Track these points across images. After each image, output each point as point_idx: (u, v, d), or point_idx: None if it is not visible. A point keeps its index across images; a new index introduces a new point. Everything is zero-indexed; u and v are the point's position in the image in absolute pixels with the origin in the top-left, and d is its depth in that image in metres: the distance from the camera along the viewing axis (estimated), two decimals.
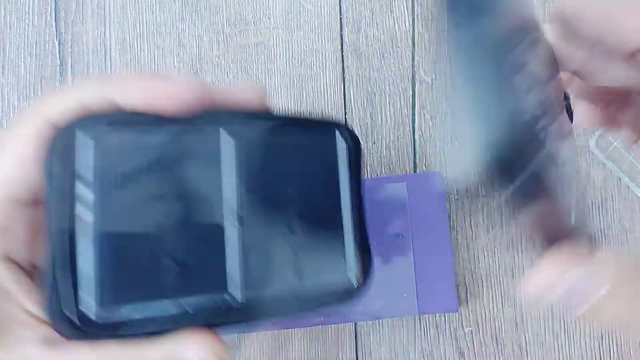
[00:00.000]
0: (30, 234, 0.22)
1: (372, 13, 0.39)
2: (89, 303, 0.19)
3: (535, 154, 0.18)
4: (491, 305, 0.37)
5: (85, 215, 0.19)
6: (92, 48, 0.38)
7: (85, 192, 0.19)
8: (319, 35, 0.39)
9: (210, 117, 0.20)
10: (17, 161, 0.20)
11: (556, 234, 0.19)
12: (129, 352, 0.20)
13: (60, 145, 0.19)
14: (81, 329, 0.19)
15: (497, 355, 0.36)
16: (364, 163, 0.23)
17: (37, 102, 0.20)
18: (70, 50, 0.38)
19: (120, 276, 0.19)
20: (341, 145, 0.23)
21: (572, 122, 0.21)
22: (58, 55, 0.38)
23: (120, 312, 0.19)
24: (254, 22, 0.39)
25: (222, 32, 0.39)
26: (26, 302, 0.21)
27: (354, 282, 0.22)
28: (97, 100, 0.20)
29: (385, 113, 0.38)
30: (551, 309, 0.37)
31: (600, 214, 0.38)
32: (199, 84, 0.20)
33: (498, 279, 0.37)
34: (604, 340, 0.37)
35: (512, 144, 0.17)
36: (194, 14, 0.39)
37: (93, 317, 0.19)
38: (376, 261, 0.36)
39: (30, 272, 0.23)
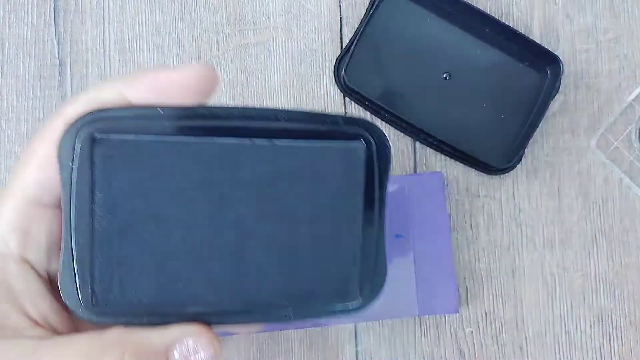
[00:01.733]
0: (50, 238, 0.22)
1: None
2: (98, 290, 0.20)
3: None
4: (491, 305, 0.37)
5: (98, 213, 0.20)
6: (91, 48, 0.38)
7: (97, 195, 0.20)
8: (319, 35, 0.39)
9: (222, 114, 0.20)
10: (40, 163, 0.21)
11: None
12: (131, 336, 0.20)
13: (67, 146, 0.20)
14: (92, 311, 0.20)
15: (498, 356, 0.36)
16: (391, 167, 0.22)
17: (61, 106, 0.21)
18: (69, 50, 0.38)
19: (130, 272, 0.20)
20: (362, 151, 0.21)
21: None
22: (57, 55, 0.38)
23: (127, 301, 0.20)
24: (253, 22, 0.39)
25: (222, 31, 0.39)
26: (29, 305, 0.21)
27: (357, 299, 0.22)
28: (111, 98, 0.20)
29: None
30: (552, 308, 0.37)
31: (601, 214, 0.37)
32: (205, 69, 0.20)
33: (499, 279, 0.37)
34: (604, 341, 0.37)
35: None
36: (193, 13, 0.38)
37: (100, 303, 0.20)
38: None
39: (44, 276, 0.23)
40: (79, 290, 0.20)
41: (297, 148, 0.21)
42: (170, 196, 0.20)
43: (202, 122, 0.20)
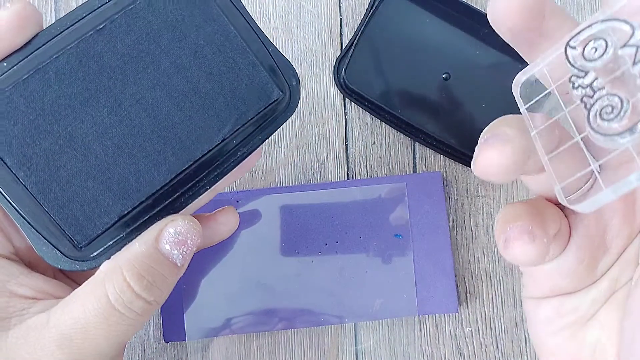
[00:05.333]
0: None
1: None
2: (75, 237, 0.21)
3: None
4: (491, 305, 0.37)
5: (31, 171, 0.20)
6: None
7: (8, 162, 0.20)
8: (319, 36, 0.39)
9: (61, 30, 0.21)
10: None
11: None
12: (119, 257, 0.21)
13: None
14: (85, 256, 0.21)
15: (497, 356, 0.36)
16: None
17: None
18: None
19: (82, 200, 0.21)
20: None
21: None
22: None
23: (101, 227, 0.21)
24: None
25: None
26: (17, 287, 0.22)
27: (281, 93, 0.23)
28: None
29: None
30: None
31: None
32: (17, 6, 0.20)
33: (498, 279, 0.37)
34: None
35: None
36: None
37: (84, 244, 0.21)
38: (376, 261, 0.36)
39: (13, 258, 0.23)
40: (59, 249, 0.21)
41: (134, 10, 0.21)
42: (66, 119, 0.20)
43: (47, 46, 0.21)
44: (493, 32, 0.40)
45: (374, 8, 0.37)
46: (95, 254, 0.21)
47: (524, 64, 0.38)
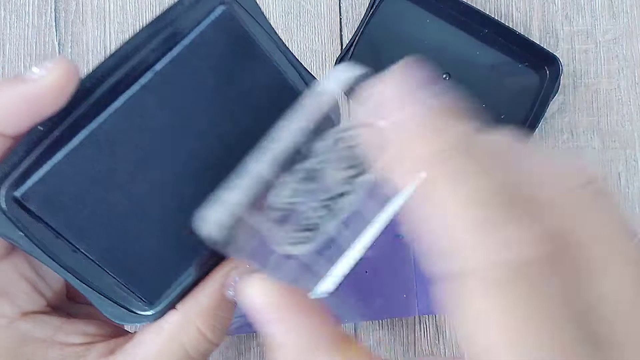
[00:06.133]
0: (26, 275, 0.22)
1: None
2: (144, 295, 0.20)
3: None
4: None
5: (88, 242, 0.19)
6: (92, 48, 0.38)
7: (68, 235, 0.19)
8: (319, 36, 0.39)
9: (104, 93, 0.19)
10: None
11: None
12: (188, 309, 0.21)
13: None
14: (154, 310, 0.21)
15: None
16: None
17: None
18: (70, 50, 0.38)
19: (149, 261, 0.20)
20: (227, 12, 0.20)
21: None
22: (58, 56, 0.38)
23: (169, 281, 0.21)
24: None
25: None
26: (69, 337, 0.22)
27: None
28: None
29: None
30: None
31: None
32: (63, 69, 0.18)
33: None
34: None
35: None
36: None
37: (154, 299, 0.21)
38: (376, 261, 0.36)
39: (46, 310, 0.23)
40: (127, 309, 0.20)
41: (177, 59, 0.20)
42: (120, 183, 0.19)
43: (86, 106, 0.19)
44: (493, 32, 0.40)
45: (374, 8, 0.37)
46: (161, 307, 0.21)
47: (523, 63, 0.38)
